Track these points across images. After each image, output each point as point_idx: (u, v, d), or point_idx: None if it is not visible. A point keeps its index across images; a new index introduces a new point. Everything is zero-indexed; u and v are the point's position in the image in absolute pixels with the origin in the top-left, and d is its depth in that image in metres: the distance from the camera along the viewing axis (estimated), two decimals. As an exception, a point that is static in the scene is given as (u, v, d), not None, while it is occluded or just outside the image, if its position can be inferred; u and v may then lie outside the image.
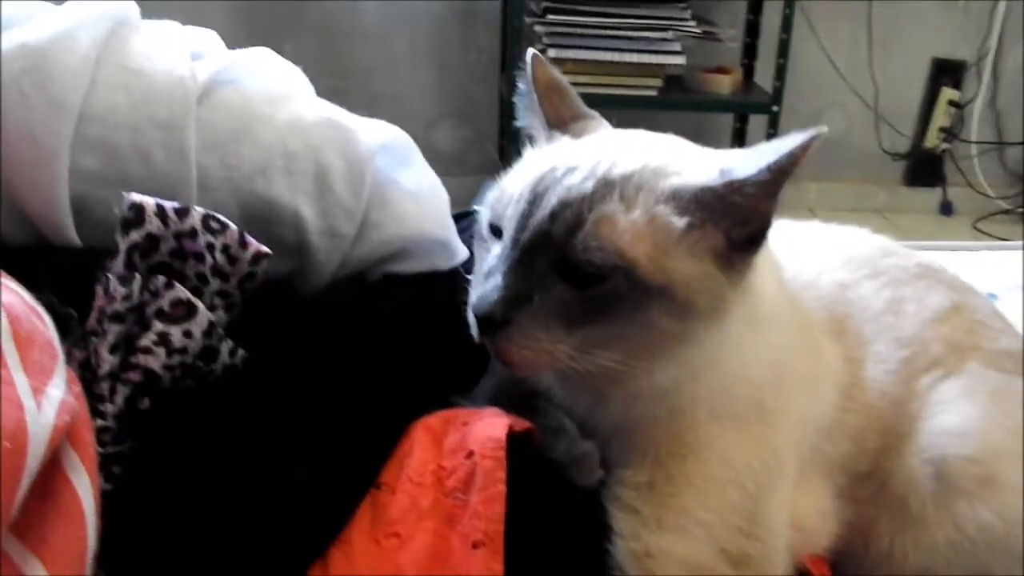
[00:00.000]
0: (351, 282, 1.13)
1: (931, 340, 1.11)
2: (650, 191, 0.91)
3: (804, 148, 0.85)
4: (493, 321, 0.90)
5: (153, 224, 0.88)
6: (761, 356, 1.01)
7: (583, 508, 0.97)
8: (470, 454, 0.93)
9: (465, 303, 1.10)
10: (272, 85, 1.13)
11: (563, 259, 0.89)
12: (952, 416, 1.06)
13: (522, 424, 0.97)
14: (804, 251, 1.14)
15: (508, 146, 3.67)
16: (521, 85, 1.10)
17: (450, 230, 1.24)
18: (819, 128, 0.85)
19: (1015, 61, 4.43)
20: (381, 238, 1.15)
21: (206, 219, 0.92)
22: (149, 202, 0.89)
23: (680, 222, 0.90)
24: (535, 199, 0.92)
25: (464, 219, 1.32)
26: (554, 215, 0.90)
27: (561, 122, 1.07)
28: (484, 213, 1.02)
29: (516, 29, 3.56)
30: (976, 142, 4.42)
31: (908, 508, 1.05)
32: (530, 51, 1.08)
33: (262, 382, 0.93)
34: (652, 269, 0.88)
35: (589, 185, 0.91)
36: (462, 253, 1.24)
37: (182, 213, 0.90)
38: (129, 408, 0.87)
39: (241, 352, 0.94)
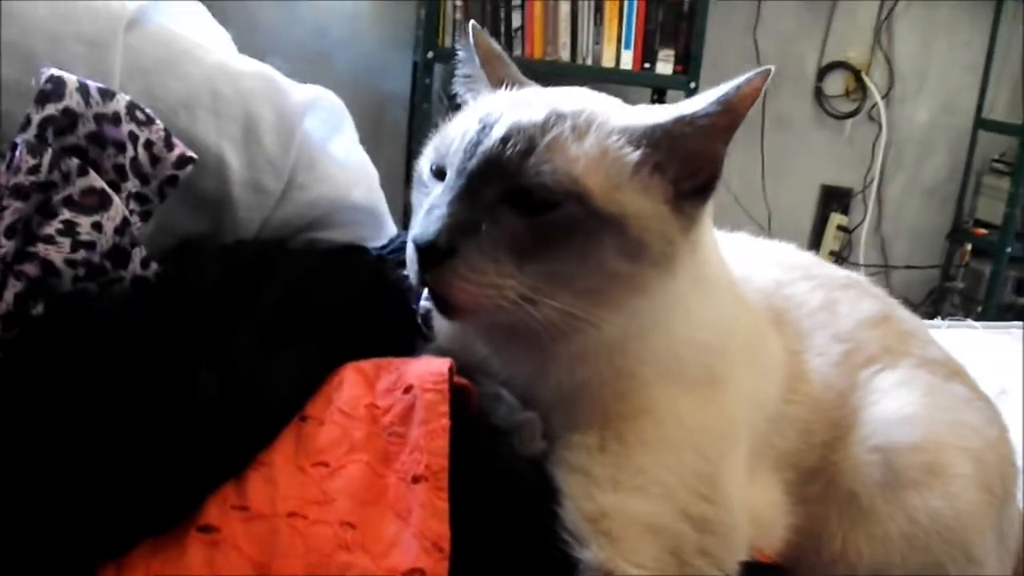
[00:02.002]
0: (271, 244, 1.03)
1: (867, 340, 1.10)
2: (601, 125, 0.88)
3: (752, 83, 0.84)
4: (436, 250, 0.82)
5: (73, 100, 0.79)
6: (708, 320, 0.96)
7: (527, 471, 0.87)
8: (408, 388, 0.83)
9: (392, 280, 1.03)
10: (204, 32, 1.07)
11: (514, 187, 0.84)
12: (892, 402, 1.04)
13: (461, 380, 0.88)
14: (738, 253, 1.10)
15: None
16: (461, 53, 1.07)
17: (380, 202, 1.16)
18: (767, 67, 0.83)
19: (897, 189, 4.65)
20: (307, 200, 1.07)
21: (131, 107, 0.83)
22: (71, 77, 0.79)
23: (632, 156, 0.86)
24: (484, 128, 0.87)
25: None
26: (505, 139, 0.85)
27: (501, 85, 1.03)
28: (425, 160, 0.96)
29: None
30: (864, 265, 4.56)
31: (858, 502, 1.01)
32: (471, 22, 1.05)
33: (176, 301, 0.82)
34: (606, 200, 0.84)
35: (540, 115, 0.87)
36: (391, 228, 1.16)
37: (106, 95, 0.81)
38: (18, 311, 0.75)
39: (155, 265, 0.83)
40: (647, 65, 3.68)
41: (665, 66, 3.66)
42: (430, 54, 3.51)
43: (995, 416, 1.14)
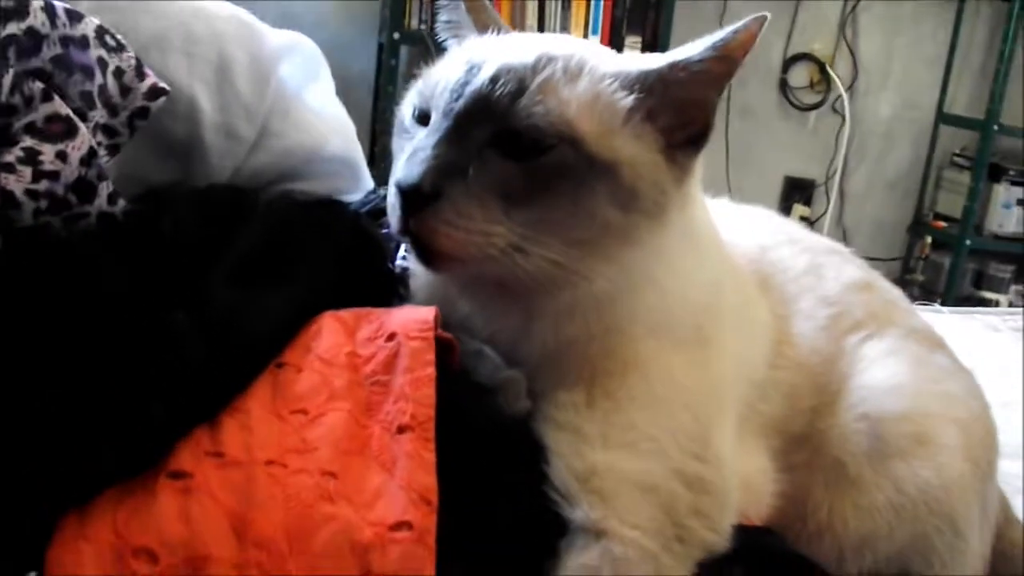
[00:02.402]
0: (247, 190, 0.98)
1: (853, 304, 1.08)
2: (594, 68, 0.85)
3: (748, 29, 0.81)
4: (421, 194, 0.77)
5: (37, 19, 0.74)
6: (699, 278, 0.93)
7: (513, 428, 0.83)
8: (391, 336, 0.79)
9: (370, 234, 0.99)
10: None
11: (503, 129, 0.80)
12: (880, 371, 1.03)
13: (444, 334, 0.84)
14: (722, 217, 1.08)
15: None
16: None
17: (357, 152, 1.12)
18: (763, 14, 0.81)
19: (859, 181, 4.67)
20: (281, 147, 1.02)
21: (101, 32, 0.78)
22: (37, -5, 0.74)
23: (625, 101, 0.83)
24: (472, 68, 0.83)
25: None
26: (495, 79, 0.81)
27: (487, 30, 0.99)
28: (408, 105, 0.91)
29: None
30: (825, 257, 4.58)
31: (845, 471, 0.99)
32: None
33: (147, 240, 0.77)
34: (599, 145, 0.80)
35: (531, 56, 0.83)
36: (368, 181, 1.12)
37: (74, 17, 0.76)
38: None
39: (123, 202, 0.78)
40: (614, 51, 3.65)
41: (634, 53, 3.63)
42: (396, 35, 3.47)
43: (978, 388, 1.12)
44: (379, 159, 3.00)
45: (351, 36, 3.83)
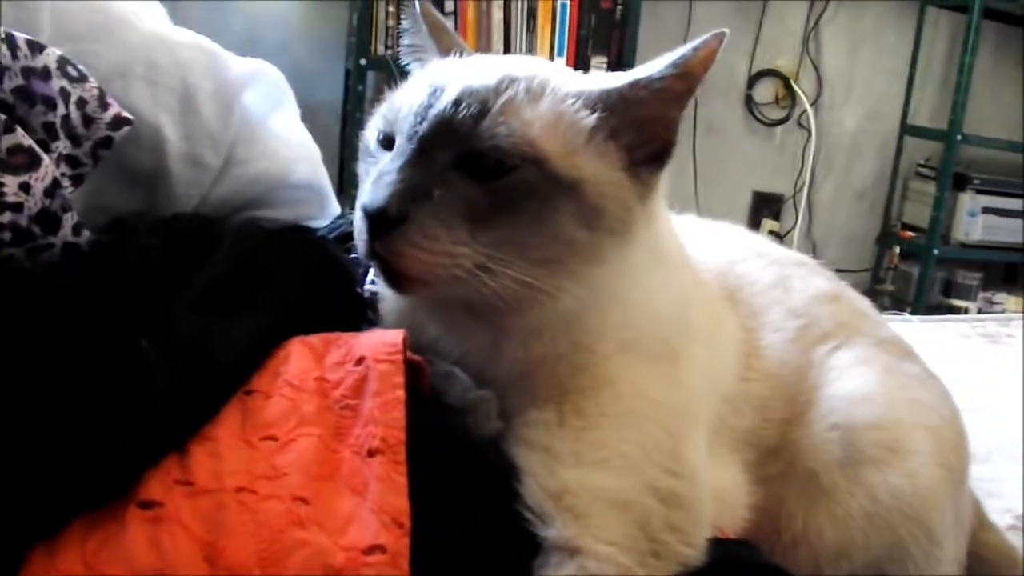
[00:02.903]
0: (213, 218, 0.98)
1: (821, 315, 1.09)
2: (556, 89, 0.85)
3: (708, 45, 0.82)
4: (387, 218, 0.77)
5: (-1, 51, 0.73)
6: (666, 293, 0.94)
7: (484, 448, 0.83)
8: (360, 360, 0.79)
9: (337, 260, 0.99)
10: (137, 2, 1.01)
11: (467, 151, 0.80)
12: (851, 380, 1.04)
13: (413, 356, 0.84)
14: (688, 233, 1.09)
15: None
16: (406, 23, 1.03)
17: (324, 179, 1.11)
18: (722, 30, 0.82)
19: (826, 194, 4.72)
20: (247, 175, 1.02)
21: (63, 63, 0.78)
22: (-6, 27, 0.74)
23: (588, 120, 0.84)
24: (435, 91, 0.84)
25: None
26: (457, 102, 0.82)
27: (449, 54, 1.00)
28: (372, 129, 0.92)
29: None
30: (795, 270, 4.61)
31: (818, 481, 1.00)
32: None
33: (112, 270, 0.77)
34: (562, 164, 0.81)
35: (493, 78, 0.84)
36: (335, 207, 1.12)
37: (35, 48, 0.76)
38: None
39: (88, 233, 0.78)
40: (580, 71, 3.66)
41: (598, 72, 3.64)
42: (362, 61, 3.47)
43: (947, 395, 1.13)
44: (347, 185, 3.00)
45: (318, 62, 3.83)
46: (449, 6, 3.52)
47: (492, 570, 0.77)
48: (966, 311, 4.48)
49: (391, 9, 3.48)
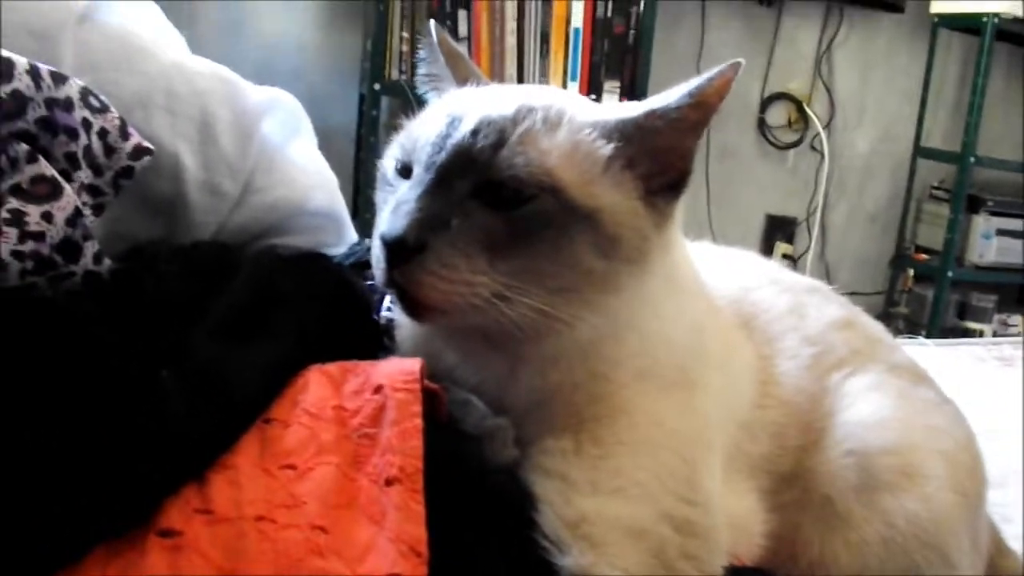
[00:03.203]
0: (231, 246, 0.99)
1: (835, 343, 1.09)
2: (572, 118, 0.86)
3: (723, 75, 0.83)
4: (406, 247, 0.78)
5: (23, 82, 0.74)
6: (682, 321, 0.94)
7: (501, 477, 0.84)
8: (378, 389, 0.79)
9: (355, 287, 1.00)
10: (157, 31, 1.03)
11: (485, 181, 0.81)
12: (865, 406, 1.03)
13: (430, 384, 0.84)
14: (703, 260, 1.09)
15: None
16: (423, 52, 1.04)
17: (341, 206, 1.13)
18: (737, 60, 0.83)
19: (840, 217, 4.71)
20: (265, 203, 1.03)
21: (85, 93, 0.79)
22: (20, 59, 0.75)
23: (605, 150, 0.85)
24: (453, 121, 0.85)
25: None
26: (476, 132, 0.82)
27: (466, 83, 1.01)
28: (390, 158, 0.92)
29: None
30: (809, 293, 4.61)
31: (834, 507, 0.99)
32: (432, 21, 1.03)
33: (132, 298, 0.78)
34: (580, 193, 0.82)
35: (511, 108, 0.85)
36: (352, 234, 1.13)
37: (58, 79, 0.77)
38: (-38, 307, 0.70)
39: (108, 261, 0.78)
40: (593, 97, 3.67)
41: (611, 98, 3.66)
42: (376, 86, 3.48)
43: (962, 420, 1.13)
44: (362, 210, 3.01)
45: (332, 87, 3.85)
46: (463, 31, 3.54)
47: (509, 598, 0.77)
48: (981, 333, 4.46)
49: (405, 35, 3.50)
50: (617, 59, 3.71)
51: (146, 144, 0.83)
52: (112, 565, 0.63)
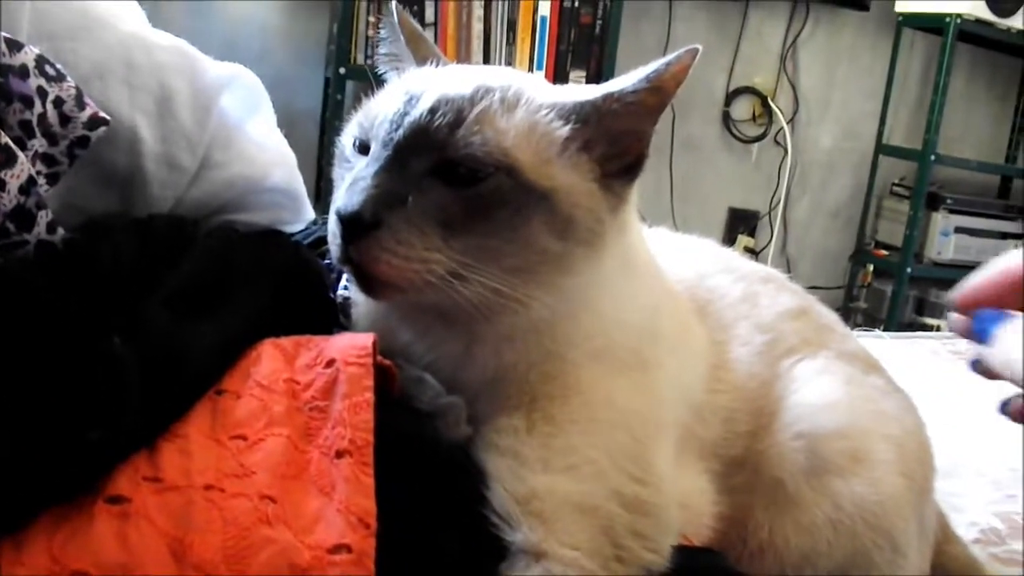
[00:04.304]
0: (187, 220, 0.99)
1: (787, 331, 1.10)
2: (530, 99, 0.87)
3: (681, 61, 0.84)
4: (361, 222, 0.78)
5: (-27, 49, 0.74)
6: (637, 303, 0.95)
7: (453, 453, 0.84)
8: (330, 363, 0.79)
9: (311, 264, 1.00)
10: (117, 3, 1.02)
11: (441, 159, 0.82)
12: (815, 389, 1.05)
13: (384, 360, 0.85)
14: (660, 246, 1.10)
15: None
16: (383, 32, 1.04)
17: (299, 184, 1.12)
18: (695, 46, 0.84)
19: (802, 211, 4.76)
20: (223, 179, 1.02)
21: (41, 61, 0.78)
22: (-29, 25, 0.74)
23: (562, 131, 0.85)
24: (411, 99, 0.85)
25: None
26: (433, 110, 0.83)
27: (426, 63, 1.01)
28: (349, 136, 0.93)
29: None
30: (770, 286, 4.65)
31: (784, 490, 1.01)
32: (393, 2, 1.03)
33: (86, 268, 0.77)
34: (535, 173, 0.82)
35: (469, 88, 0.85)
36: (310, 212, 1.13)
37: (14, 46, 0.76)
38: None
39: (62, 231, 0.78)
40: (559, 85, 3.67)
41: (572, 85, 3.66)
42: (342, 70, 3.47)
43: (912, 407, 1.15)
44: (325, 193, 3.00)
45: (297, 71, 3.84)
46: (430, 17, 3.54)
47: (459, 573, 0.77)
48: (938, 329, 4.51)
49: (371, 19, 3.49)
50: (583, 49, 3.72)
51: (102, 114, 0.83)
52: (59, 532, 0.63)
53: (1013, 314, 0.80)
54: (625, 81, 0.86)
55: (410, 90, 0.86)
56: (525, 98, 0.87)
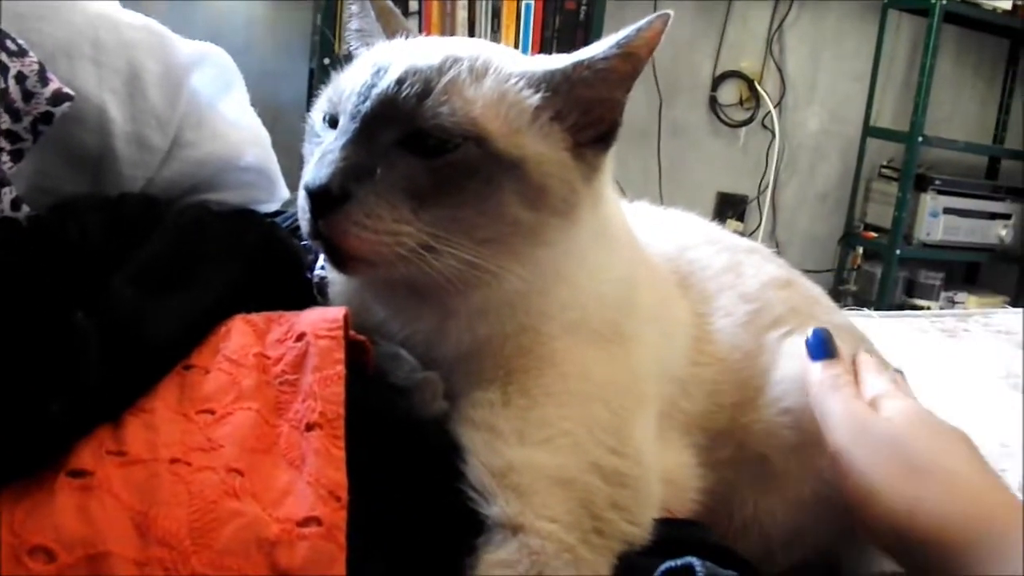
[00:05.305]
0: (158, 199, 0.97)
1: (773, 300, 1.09)
2: (499, 69, 0.86)
3: (652, 26, 0.83)
4: (330, 196, 0.78)
5: (-70, 25, 0.72)
6: (613, 275, 0.94)
7: (428, 428, 0.83)
8: (300, 336, 0.78)
9: (285, 243, 0.99)
10: None
11: (410, 130, 0.81)
12: (801, 365, 1.02)
13: (357, 335, 0.84)
14: (640, 219, 1.09)
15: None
16: (354, 7, 1.04)
17: (273, 163, 1.11)
18: (666, 11, 0.83)
19: (790, 195, 4.76)
20: (195, 158, 1.01)
21: (2, 36, 0.77)
22: (-72, -1, 0.73)
23: (532, 100, 0.84)
24: (378, 71, 0.84)
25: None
26: (400, 81, 0.82)
27: (394, 37, 1.00)
28: (318, 111, 0.93)
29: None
30: (759, 270, 4.66)
31: (770, 465, 1.00)
32: None
33: (52, 245, 0.76)
34: (505, 142, 0.81)
35: (437, 58, 0.84)
36: (284, 192, 1.11)
37: (-30, 21, 0.75)
38: None
39: (27, 208, 0.77)
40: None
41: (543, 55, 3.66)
42: (326, 60, 3.46)
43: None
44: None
45: (282, 63, 3.82)
46: (413, 6, 3.53)
47: (435, 547, 0.76)
48: (928, 310, 4.53)
49: (355, 9, 3.47)
50: (568, 35, 3.71)
51: (66, 90, 0.81)
52: (19, 506, 0.62)
53: None
54: (596, 48, 0.85)
55: (378, 62, 0.85)
56: (494, 68, 0.86)
